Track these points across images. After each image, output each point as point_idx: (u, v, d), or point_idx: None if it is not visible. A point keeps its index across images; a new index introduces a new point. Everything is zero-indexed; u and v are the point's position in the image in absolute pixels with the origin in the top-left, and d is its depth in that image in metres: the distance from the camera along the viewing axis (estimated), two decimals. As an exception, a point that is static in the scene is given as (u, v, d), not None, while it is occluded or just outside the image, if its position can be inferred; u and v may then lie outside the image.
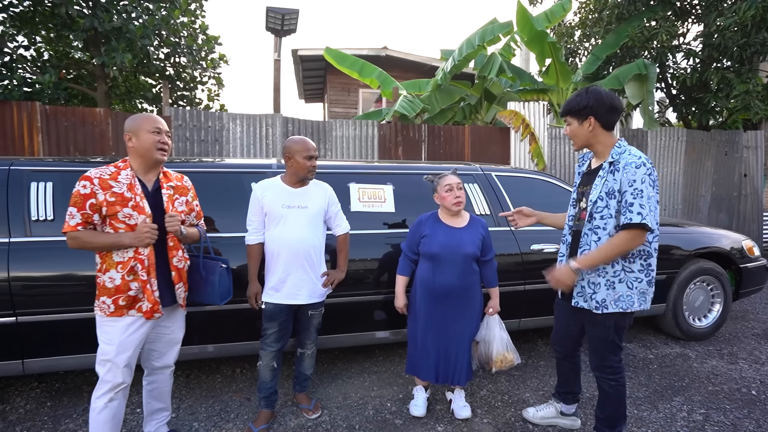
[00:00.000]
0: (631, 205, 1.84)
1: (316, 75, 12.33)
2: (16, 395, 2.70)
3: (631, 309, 1.96)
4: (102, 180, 1.82)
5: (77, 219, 1.79)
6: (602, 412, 2.11)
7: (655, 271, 2.00)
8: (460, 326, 2.40)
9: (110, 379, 1.84)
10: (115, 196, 1.82)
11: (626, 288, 1.95)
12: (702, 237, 3.67)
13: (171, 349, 2.08)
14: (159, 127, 1.90)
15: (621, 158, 1.93)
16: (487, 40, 6.95)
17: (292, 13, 6.47)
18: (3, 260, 2.27)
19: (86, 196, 1.79)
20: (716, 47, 6.97)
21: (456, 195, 2.37)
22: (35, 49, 6.56)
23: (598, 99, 1.95)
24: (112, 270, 1.82)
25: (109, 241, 1.81)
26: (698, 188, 7.54)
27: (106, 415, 1.85)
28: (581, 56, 9.43)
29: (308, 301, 2.31)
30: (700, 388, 2.88)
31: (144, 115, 1.93)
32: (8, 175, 2.44)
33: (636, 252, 1.94)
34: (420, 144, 6.20)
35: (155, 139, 1.88)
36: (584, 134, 2.01)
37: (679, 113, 8.78)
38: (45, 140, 4.78)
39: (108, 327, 1.83)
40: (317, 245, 2.34)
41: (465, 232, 2.40)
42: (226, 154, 5.51)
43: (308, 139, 2.30)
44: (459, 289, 2.36)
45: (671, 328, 3.61)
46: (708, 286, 3.69)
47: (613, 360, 2.04)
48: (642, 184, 1.85)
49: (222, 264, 2.11)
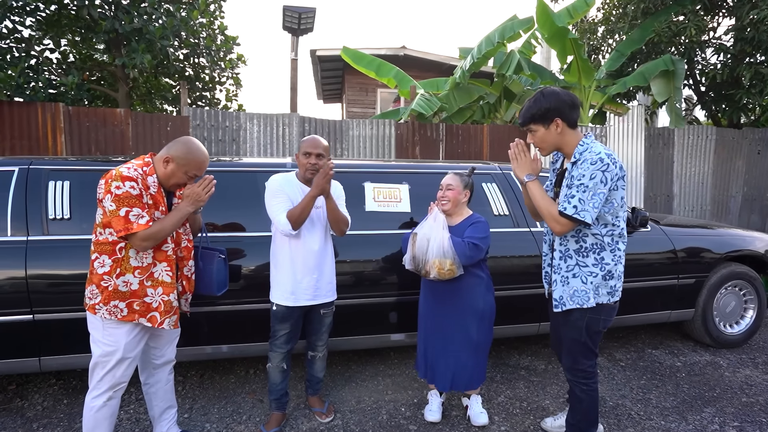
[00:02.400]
0: (572, 196, 1.81)
1: (335, 75, 12.33)
2: (35, 392, 2.73)
3: (587, 305, 1.89)
4: (143, 180, 1.81)
5: (146, 217, 1.76)
6: (573, 417, 2.07)
7: (617, 265, 1.91)
8: (460, 329, 2.34)
9: (110, 378, 1.83)
10: (152, 198, 1.84)
11: (580, 283, 1.90)
12: (734, 239, 3.50)
13: (170, 345, 2.08)
14: (196, 174, 1.90)
15: (581, 156, 1.85)
16: (507, 37, 6.81)
17: (309, 12, 6.46)
18: (21, 258, 2.29)
19: (138, 197, 1.77)
20: (749, 41, 6.68)
21: (442, 194, 2.38)
22: (60, 52, 6.71)
23: (559, 99, 1.87)
24: (129, 274, 1.80)
25: (176, 218, 1.82)
26: (728, 188, 7.24)
27: (105, 413, 1.85)
28: (604, 53, 9.18)
29: (320, 300, 2.27)
30: (732, 399, 2.72)
31: (196, 155, 1.87)
32: (27, 174, 2.46)
33: (589, 246, 1.89)
34: (438, 143, 6.12)
35: (183, 180, 1.89)
36: (553, 138, 1.91)
37: (708, 111, 8.47)
38: (68, 140, 4.88)
39: (113, 329, 1.81)
40: (328, 245, 2.30)
41: (455, 230, 2.35)
42: (244, 154, 5.54)
43: (318, 138, 2.22)
44: (456, 290, 2.32)
45: (700, 335, 3.45)
46: (740, 290, 3.51)
47: (586, 364, 1.99)
48: (591, 180, 1.78)
49: (220, 255, 2.12)
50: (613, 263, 1.90)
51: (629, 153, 6.41)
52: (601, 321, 1.94)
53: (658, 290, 3.22)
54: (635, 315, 3.22)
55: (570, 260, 1.92)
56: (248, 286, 2.53)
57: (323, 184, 2.06)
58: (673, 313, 3.31)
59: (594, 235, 1.88)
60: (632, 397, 2.74)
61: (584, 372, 1.99)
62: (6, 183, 2.41)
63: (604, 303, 1.91)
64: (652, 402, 2.68)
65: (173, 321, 1.93)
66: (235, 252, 2.52)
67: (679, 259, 3.25)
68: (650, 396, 2.75)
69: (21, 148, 4.74)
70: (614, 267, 1.90)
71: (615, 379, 2.97)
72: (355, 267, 2.69)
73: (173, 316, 1.93)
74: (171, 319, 1.91)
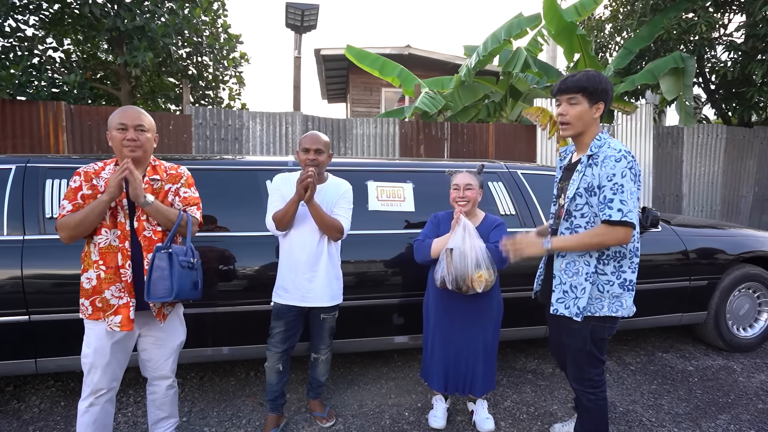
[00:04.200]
0: (611, 201, 1.68)
1: (339, 75, 12.28)
2: (32, 393, 2.69)
3: (600, 313, 1.78)
4: (86, 174, 1.78)
5: (67, 209, 1.73)
6: (582, 426, 1.95)
7: (633, 276, 1.81)
8: (472, 333, 2.26)
9: (89, 383, 1.78)
10: (92, 189, 1.76)
11: (597, 291, 1.79)
12: (747, 240, 3.40)
13: (166, 360, 1.93)
14: (124, 123, 1.76)
15: (600, 152, 1.75)
16: (514, 34, 6.73)
17: (312, 9, 6.41)
18: (17, 258, 2.25)
19: (76, 189, 1.76)
20: (761, 38, 6.55)
21: (460, 195, 2.23)
22: (63, 50, 6.69)
23: (610, 85, 1.78)
24: (90, 270, 1.75)
25: (89, 209, 1.68)
26: (739, 188, 7.11)
27: (87, 419, 1.79)
28: (612, 50, 9.06)
29: (319, 303, 2.20)
30: (748, 405, 2.63)
31: (119, 109, 1.82)
32: (24, 172, 2.42)
33: (611, 253, 1.78)
34: (442, 142, 6.04)
35: (119, 137, 1.76)
36: (588, 119, 1.79)
37: (718, 109, 8.33)
38: (69, 139, 4.85)
39: (87, 330, 1.78)
40: (328, 246, 2.22)
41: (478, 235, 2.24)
42: (246, 152, 5.49)
43: (318, 133, 2.19)
44: (469, 295, 2.21)
45: (713, 338, 3.35)
46: (755, 293, 3.41)
47: (593, 373, 1.87)
48: (623, 178, 1.68)
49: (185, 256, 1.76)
50: (630, 271, 1.80)
51: (637, 152, 6.31)
52: (606, 329, 1.83)
53: (670, 292, 3.13)
54: (645, 318, 3.13)
55: (588, 267, 1.78)
56: (247, 287, 2.48)
57: (300, 189, 2.00)
58: (684, 315, 3.22)
59: None
60: (643, 402, 2.65)
61: (591, 381, 1.88)
62: (3, 181, 2.36)
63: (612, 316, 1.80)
64: (664, 408, 2.60)
65: (116, 322, 1.73)
66: (233, 252, 2.46)
67: (691, 261, 3.16)
68: (662, 402, 2.66)
69: (23, 146, 4.72)
70: (631, 276, 1.80)
71: (625, 383, 2.89)
72: (358, 267, 2.62)
73: (113, 316, 1.74)
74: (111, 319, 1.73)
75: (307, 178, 1.98)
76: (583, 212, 1.79)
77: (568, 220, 1.84)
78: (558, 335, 2.06)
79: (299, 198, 2.04)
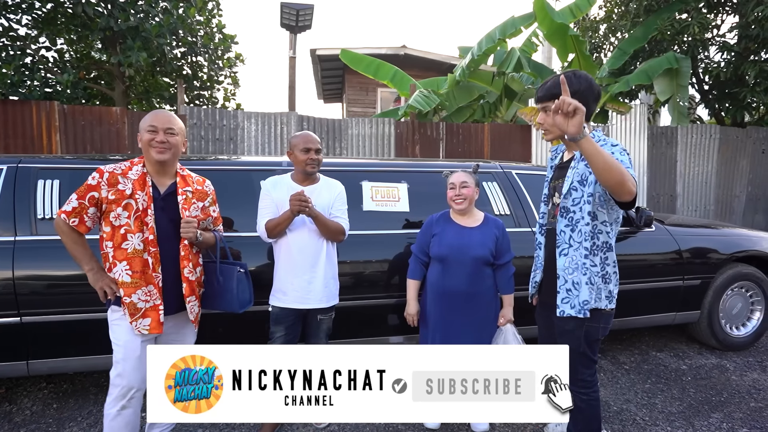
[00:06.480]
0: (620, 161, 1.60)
1: (335, 75, 12.27)
2: (24, 396, 2.67)
3: (600, 305, 1.77)
4: (112, 175, 1.74)
5: (72, 205, 1.72)
6: (574, 427, 1.93)
7: (615, 266, 1.80)
8: (470, 336, 2.25)
9: (119, 382, 1.75)
10: (116, 194, 1.73)
11: (591, 283, 1.77)
12: (740, 239, 3.42)
13: None
14: (155, 126, 1.77)
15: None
16: (509, 33, 6.74)
17: (307, 9, 6.40)
18: (8, 259, 2.23)
19: (90, 187, 1.73)
20: (754, 39, 6.61)
21: (456, 193, 2.23)
22: (57, 50, 6.65)
23: (590, 85, 1.73)
24: (115, 267, 1.74)
25: (75, 254, 1.77)
26: (732, 188, 7.16)
27: (119, 423, 1.75)
28: (606, 51, 9.11)
29: (316, 305, 2.20)
30: (740, 403, 2.65)
31: (151, 112, 1.84)
32: (16, 172, 2.40)
33: (600, 244, 1.77)
34: (438, 142, 6.05)
35: (149, 138, 1.77)
36: None
37: (712, 109, 8.39)
38: (63, 139, 4.82)
39: (115, 326, 1.77)
40: (326, 247, 2.22)
41: (476, 233, 2.24)
42: (241, 153, 5.47)
43: (311, 133, 2.19)
44: (469, 296, 2.21)
45: (706, 337, 3.37)
46: (747, 292, 3.43)
47: (585, 373, 1.86)
48: (621, 155, 1.64)
49: (240, 269, 1.99)
50: (613, 263, 1.81)
51: (632, 152, 6.34)
52: (600, 329, 1.82)
53: (663, 291, 3.15)
54: (640, 317, 3.14)
55: (585, 260, 1.76)
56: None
57: (296, 210, 2.02)
58: (678, 314, 3.24)
59: (607, 233, 1.78)
60: (637, 401, 2.67)
61: (583, 381, 1.87)
62: (-6, 182, 2.34)
63: (602, 309, 1.80)
64: (658, 407, 2.61)
65: (145, 325, 1.75)
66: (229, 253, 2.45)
67: (685, 260, 3.18)
68: (655, 400, 2.68)
69: (15, 146, 4.68)
70: (613, 269, 1.81)
71: (619, 382, 2.90)
72: (353, 268, 2.62)
73: (142, 319, 1.75)
74: (140, 322, 1.75)
75: (302, 204, 2.00)
76: (581, 206, 1.77)
77: (566, 217, 1.82)
78: (548, 337, 2.06)
79: (293, 215, 2.05)
